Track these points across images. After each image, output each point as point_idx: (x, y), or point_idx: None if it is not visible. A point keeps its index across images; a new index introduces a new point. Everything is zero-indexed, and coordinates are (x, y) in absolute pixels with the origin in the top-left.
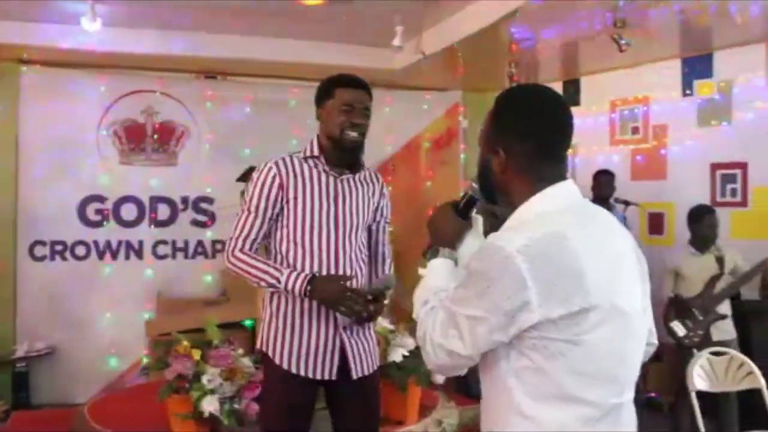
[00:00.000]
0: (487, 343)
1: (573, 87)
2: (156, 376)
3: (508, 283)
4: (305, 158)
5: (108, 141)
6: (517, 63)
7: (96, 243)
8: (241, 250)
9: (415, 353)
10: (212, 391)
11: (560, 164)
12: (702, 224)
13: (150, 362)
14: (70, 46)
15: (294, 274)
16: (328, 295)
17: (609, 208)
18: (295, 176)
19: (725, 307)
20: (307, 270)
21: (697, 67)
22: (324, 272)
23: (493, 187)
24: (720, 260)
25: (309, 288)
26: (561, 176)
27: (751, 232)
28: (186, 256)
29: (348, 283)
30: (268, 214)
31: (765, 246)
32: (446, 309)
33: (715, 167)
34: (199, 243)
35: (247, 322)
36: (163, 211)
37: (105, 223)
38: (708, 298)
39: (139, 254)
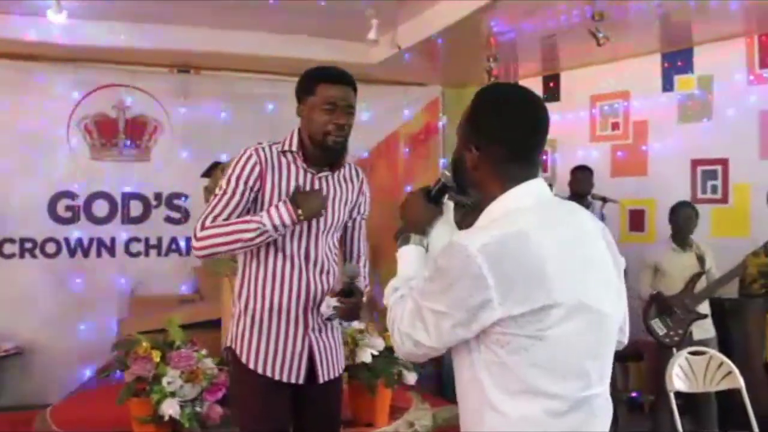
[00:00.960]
0: (452, 338)
1: (553, 82)
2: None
3: (469, 281)
4: (283, 151)
5: (78, 136)
6: (496, 58)
7: (67, 240)
8: (205, 222)
9: (384, 354)
10: (172, 394)
11: (533, 165)
12: (678, 216)
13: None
14: (37, 39)
15: (273, 209)
16: (317, 206)
17: (587, 205)
18: (273, 168)
19: (704, 306)
20: (278, 272)
21: (677, 62)
22: (295, 275)
23: (464, 180)
24: (701, 259)
25: (298, 211)
26: (532, 176)
27: (732, 230)
28: (159, 254)
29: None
30: (245, 198)
31: (745, 244)
32: (414, 300)
33: (695, 163)
34: (173, 240)
35: None
36: (136, 208)
37: (76, 220)
38: (689, 297)
39: (112, 252)
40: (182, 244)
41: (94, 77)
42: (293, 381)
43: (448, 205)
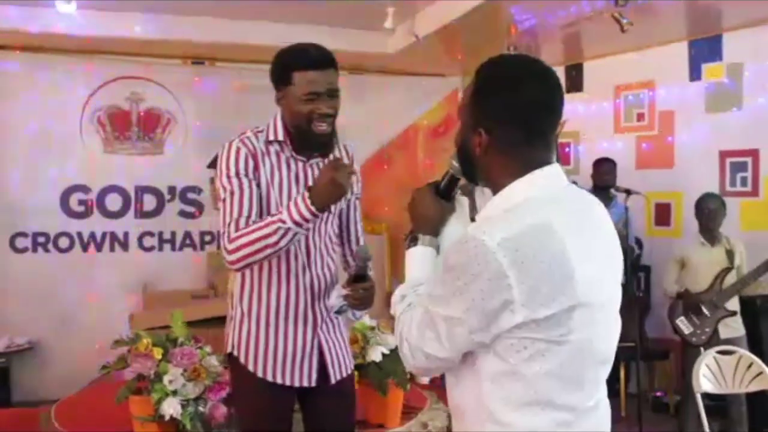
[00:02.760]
0: (467, 345)
1: (576, 72)
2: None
3: (488, 280)
4: (269, 141)
5: (91, 129)
6: (516, 47)
7: (80, 235)
8: (237, 227)
9: (396, 352)
10: (174, 393)
11: (547, 147)
12: (702, 209)
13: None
14: (48, 30)
15: (291, 203)
16: (332, 190)
17: (609, 198)
18: (263, 158)
19: (734, 303)
20: (282, 268)
21: (705, 49)
22: (299, 270)
23: (472, 168)
24: (730, 254)
25: (313, 203)
26: (548, 161)
27: (763, 224)
28: (173, 248)
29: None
30: (254, 189)
31: None
32: (423, 308)
33: (724, 155)
34: (187, 234)
35: None
36: (149, 202)
37: (89, 214)
38: (717, 294)
39: (125, 246)
40: (196, 238)
41: (107, 69)
42: (305, 384)
43: (462, 201)
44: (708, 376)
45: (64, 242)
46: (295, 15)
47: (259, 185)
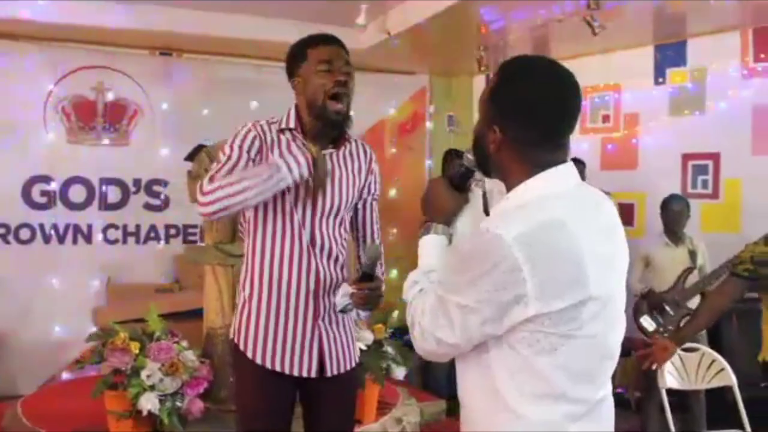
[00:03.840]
0: (479, 335)
1: None
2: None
3: (503, 273)
4: (281, 130)
5: (55, 118)
6: (486, 47)
7: (42, 226)
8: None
9: (373, 348)
10: (151, 388)
11: (561, 149)
12: (668, 210)
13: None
14: (12, 17)
15: (287, 154)
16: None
17: None
18: (273, 145)
19: (696, 302)
20: (285, 255)
21: (670, 54)
22: (303, 259)
23: (486, 162)
24: (693, 254)
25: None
26: (560, 161)
27: (722, 225)
28: (138, 241)
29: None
30: (249, 166)
31: (735, 239)
32: (437, 294)
33: (686, 158)
34: (152, 227)
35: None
36: (114, 194)
37: (52, 205)
38: (680, 293)
39: (88, 239)
40: (161, 231)
41: (72, 58)
42: (304, 374)
43: (476, 193)
44: (672, 372)
45: (25, 234)
46: (266, 9)
47: (254, 162)
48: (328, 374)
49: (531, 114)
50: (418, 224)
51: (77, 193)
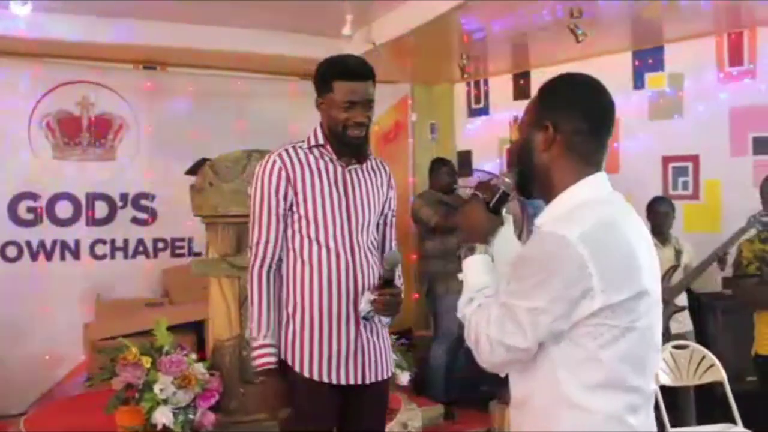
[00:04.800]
0: (548, 333)
1: (523, 80)
2: (99, 386)
3: (571, 271)
4: (310, 147)
5: (40, 134)
6: (469, 55)
7: (29, 243)
8: (260, 268)
9: None
10: (165, 401)
11: (603, 152)
12: (655, 212)
13: (94, 371)
14: None
15: (265, 350)
16: (269, 395)
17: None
18: (302, 167)
19: (683, 299)
20: (324, 268)
21: (648, 60)
22: (342, 269)
23: (531, 171)
24: (679, 253)
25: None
26: (602, 163)
27: (703, 225)
28: (126, 256)
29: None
30: (281, 211)
31: (716, 239)
32: (501, 304)
33: (667, 160)
34: (140, 242)
35: None
36: (101, 209)
37: (38, 222)
38: (666, 291)
39: (76, 255)
40: (149, 246)
41: (57, 73)
42: (351, 382)
43: (508, 217)
44: (665, 369)
45: (12, 251)
46: (252, 20)
47: (294, 198)
48: (367, 382)
49: (583, 105)
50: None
51: (64, 209)
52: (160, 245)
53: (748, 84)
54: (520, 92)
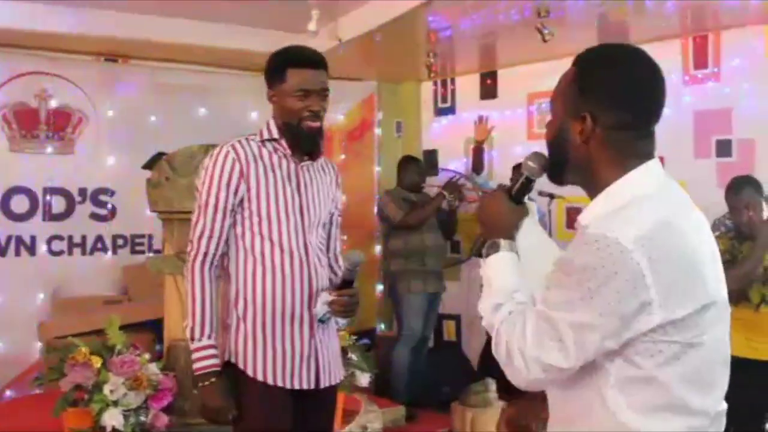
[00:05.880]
0: (597, 352)
1: (491, 79)
2: (51, 386)
3: (625, 281)
4: (263, 141)
5: None
6: (435, 53)
7: None
8: (203, 264)
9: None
10: (115, 403)
11: (651, 139)
12: None
13: (43, 371)
14: None
15: (208, 351)
16: (216, 396)
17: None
18: (256, 161)
19: None
20: (278, 267)
21: None
22: (296, 269)
23: (566, 160)
24: None
25: (201, 383)
26: (651, 153)
27: None
28: (84, 252)
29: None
30: (230, 206)
31: None
32: (540, 314)
33: None
34: (99, 238)
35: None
36: (59, 204)
37: None
38: None
39: (32, 250)
40: (108, 242)
41: (13, 64)
42: (305, 386)
43: (531, 204)
44: None
45: None
46: (216, 14)
47: (246, 194)
48: (322, 386)
49: (626, 94)
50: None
51: (19, 204)
52: (120, 242)
53: (712, 87)
54: (487, 92)
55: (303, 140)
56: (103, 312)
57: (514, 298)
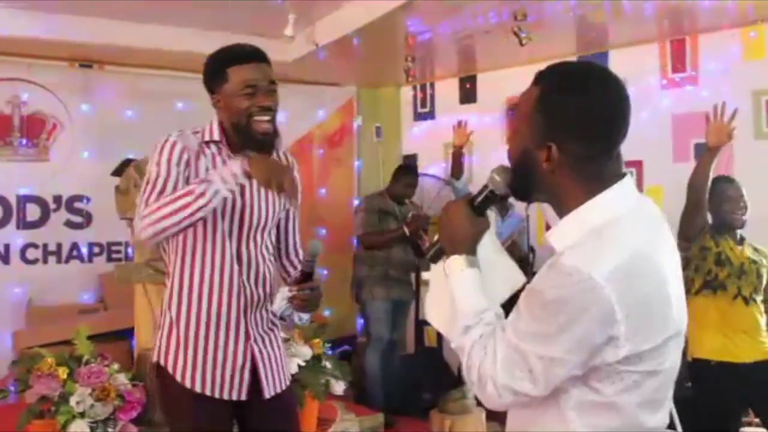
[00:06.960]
0: (562, 381)
1: (469, 84)
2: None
3: (595, 317)
4: (206, 142)
5: None
6: (414, 58)
7: None
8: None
9: (311, 363)
10: (81, 415)
11: (619, 158)
12: None
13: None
14: None
15: (225, 167)
16: (266, 168)
17: (507, 208)
18: (198, 156)
19: None
20: (206, 274)
21: None
22: (235, 275)
23: (532, 184)
24: None
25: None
26: (620, 172)
27: None
28: (59, 261)
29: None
30: (180, 180)
31: None
32: (510, 344)
33: None
34: (74, 246)
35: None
36: (33, 212)
37: None
38: None
39: (6, 259)
40: (84, 250)
41: None
42: (234, 398)
43: (491, 216)
44: None
45: None
46: (193, 20)
47: (186, 179)
48: (266, 396)
49: (595, 125)
50: (353, 243)
51: None
52: (96, 249)
53: (690, 90)
54: (466, 96)
55: (254, 144)
56: (80, 321)
57: (482, 319)
